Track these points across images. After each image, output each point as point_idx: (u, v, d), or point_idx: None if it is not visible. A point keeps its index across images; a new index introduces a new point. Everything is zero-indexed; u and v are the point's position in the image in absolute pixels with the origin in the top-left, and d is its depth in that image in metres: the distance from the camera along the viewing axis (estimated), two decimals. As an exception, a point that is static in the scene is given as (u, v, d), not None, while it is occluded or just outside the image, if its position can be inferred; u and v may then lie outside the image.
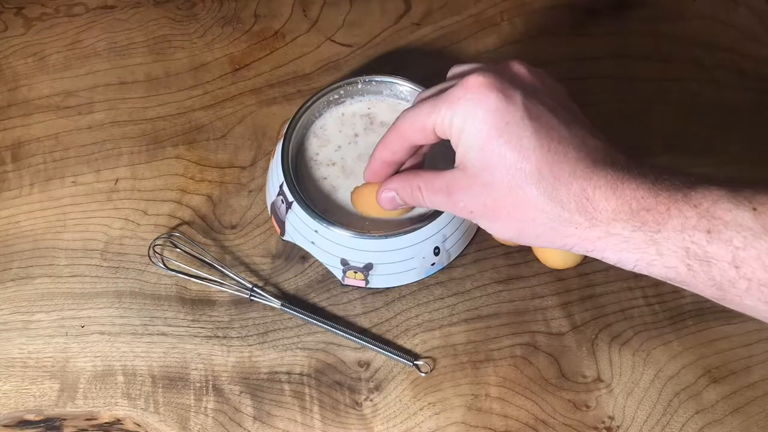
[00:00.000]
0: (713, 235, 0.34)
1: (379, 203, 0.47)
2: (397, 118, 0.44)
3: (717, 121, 0.59)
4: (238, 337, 0.51)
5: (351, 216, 0.51)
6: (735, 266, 0.34)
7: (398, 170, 0.47)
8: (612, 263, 0.38)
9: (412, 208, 0.50)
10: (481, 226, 0.42)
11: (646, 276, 0.53)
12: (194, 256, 0.54)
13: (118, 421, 0.49)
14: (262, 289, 0.52)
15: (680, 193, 0.36)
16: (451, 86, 0.41)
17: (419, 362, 0.50)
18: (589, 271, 0.54)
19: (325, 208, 0.51)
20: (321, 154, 0.54)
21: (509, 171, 0.38)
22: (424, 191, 0.44)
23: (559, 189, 0.38)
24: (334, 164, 0.53)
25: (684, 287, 0.37)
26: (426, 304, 0.53)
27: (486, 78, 0.39)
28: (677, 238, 0.35)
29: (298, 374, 0.50)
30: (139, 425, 0.49)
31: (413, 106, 0.43)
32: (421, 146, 0.45)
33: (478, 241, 0.55)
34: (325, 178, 0.53)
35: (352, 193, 0.50)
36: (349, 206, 0.52)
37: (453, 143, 0.41)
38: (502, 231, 0.41)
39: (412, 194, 0.45)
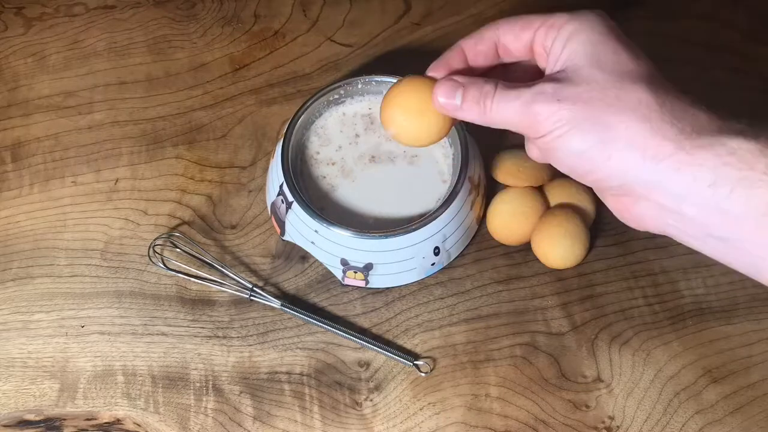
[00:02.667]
0: None
1: (435, 94, 0.40)
2: None
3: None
4: (238, 337, 0.51)
5: (349, 215, 0.51)
6: None
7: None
8: (705, 185, 0.34)
9: (446, 131, 0.43)
10: (549, 136, 0.37)
11: (646, 276, 0.53)
12: (194, 256, 0.54)
13: (118, 421, 0.49)
14: (262, 289, 0.52)
15: None
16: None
17: (419, 362, 0.50)
18: (589, 271, 0.54)
19: (322, 207, 0.51)
20: (321, 153, 0.54)
21: (622, 67, 0.36)
22: (500, 87, 0.39)
23: (667, 94, 0.36)
24: (333, 164, 0.53)
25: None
26: (426, 304, 0.53)
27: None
28: None
29: (298, 374, 0.50)
30: (139, 425, 0.49)
31: None
32: (495, 62, 0.42)
33: (478, 241, 0.55)
34: (324, 177, 0.53)
35: (392, 87, 0.43)
36: (347, 206, 0.52)
37: (554, 51, 0.39)
38: (584, 132, 0.36)
39: (483, 90, 0.39)
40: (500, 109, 0.38)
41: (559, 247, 0.51)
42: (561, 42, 0.38)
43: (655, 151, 0.35)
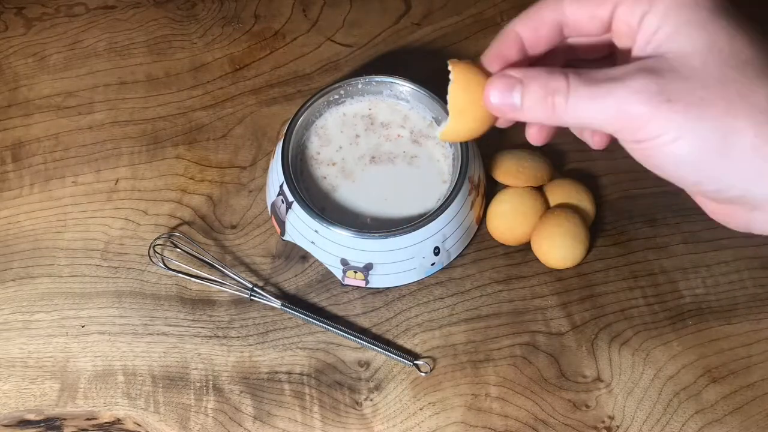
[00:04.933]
0: None
1: (487, 93, 0.34)
2: None
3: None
4: (238, 337, 0.51)
5: (349, 215, 0.51)
6: None
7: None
8: None
9: (489, 126, 0.36)
10: (654, 141, 0.30)
11: (646, 276, 0.53)
12: (194, 256, 0.54)
13: (118, 421, 0.49)
14: (262, 289, 0.52)
15: None
16: None
17: (419, 362, 0.50)
18: (589, 271, 0.54)
19: (323, 207, 0.51)
20: (322, 154, 0.54)
21: (741, 54, 0.30)
22: (575, 82, 0.31)
23: None
24: (334, 164, 0.54)
25: None
26: (426, 304, 0.53)
27: None
28: None
29: (298, 374, 0.50)
30: (139, 425, 0.49)
31: None
32: (562, 44, 0.35)
33: (478, 241, 0.55)
34: (325, 178, 0.53)
35: (453, 64, 0.35)
36: (347, 206, 0.52)
37: (646, 29, 0.32)
38: (699, 137, 0.30)
39: (550, 87, 0.32)
40: (580, 109, 0.31)
41: (559, 247, 0.51)
42: (655, 19, 0.31)
43: None
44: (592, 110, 0.31)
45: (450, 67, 0.35)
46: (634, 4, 0.32)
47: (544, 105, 0.32)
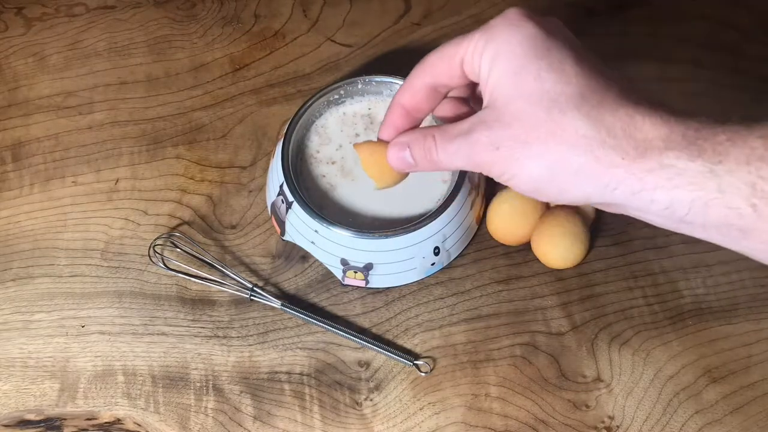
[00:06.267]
0: None
1: (389, 160, 0.42)
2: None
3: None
4: (238, 337, 0.51)
5: (349, 215, 0.51)
6: None
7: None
8: (661, 208, 0.33)
9: (406, 174, 0.44)
10: (501, 178, 0.37)
11: (646, 276, 0.53)
12: (194, 256, 0.54)
13: (118, 421, 0.49)
14: (262, 289, 0.52)
15: (741, 125, 0.32)
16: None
17: (419, 362, 0.50)
18: (589, 271, 0.54)
19: (321, 206, 0.51)
20: (321, 152, 0.54)
21: (548, 95, 0.34)
22: (439, 140, 0.38)
23: (603, 113, 0.34)
24: (333, 163, 0.54)
25: (743, 242, 0.33)
26: (426, 304, 0.53)
27: (525, 10, 0.37)
28: (742, 171, 0.31)
29: (298, 374, 0.50)
30: (139, 425, 0.49)
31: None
32: (444, 95, 0.41)
33: (478, 241, 0.55)
34: (324, 176, 0.53)
35: (357, 146, 0.44)
36: (346, 205, 0.52)
37: (482, 78, 0.37)
38: (531, 171, 0.35)
39: (425, 146, 0.39)
40: (448, 160, 0.39)
41: (559, 247, 0.51)
42: (485, 70, 0.37)
43: (607, 179, 0.34)
44: (456, 160, 0.38)
45: (355, 149, 0.43)
46: (472, 58, 0.37)
47: (426, 159, 0.40)
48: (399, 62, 0.62)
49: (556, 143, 0.34)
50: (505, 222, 0.53)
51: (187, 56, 0.64)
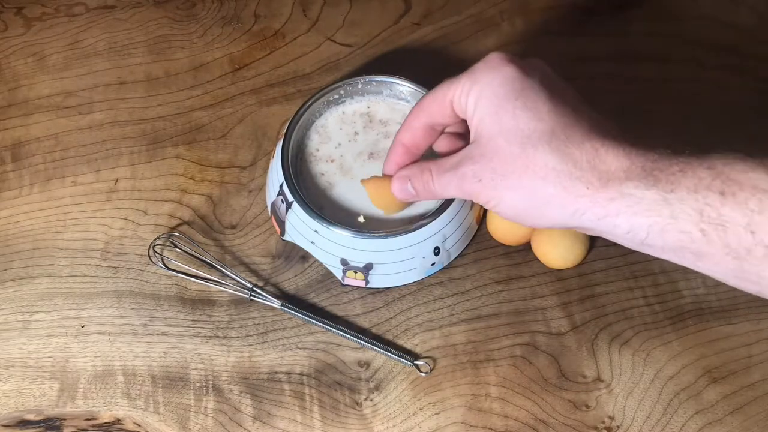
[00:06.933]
0: (727, 197, 0.33)
1: (393, 192, 0.47)
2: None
3: (717, 121, 0.59)
4: (238, 337, 0.51)
5: (346, 212, 0.51)
6: (751, 231, 0.33)
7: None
8: (624, 232, 0.37)
9: (410, 203, 0.50)
10: (488, 205, 0.41)
11: (646, 276, 0.53)
12: (194, 256, 0.54)
13: (118, 421, 0.49)
14: (262, 289, 0.52)
15: (694, 156, 0.35)
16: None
17: (419, 362, 0.50)
18: (589, 271, 0.54)
19: (320, 204, 0.51)
20: (321, 151, 0.54)
21: (522, 132, 0.38)
22: (435, 173, 0.43)
23: (571, 147, 0.37)
24: (332, 161, 0.53)
25: (698, 263, 0.36)
26: (426, 304, 0.53)
27: (505, 54, 0.41)
28: (691, 199, 0.34)
29: (298, 374, 0.50)
30: (139, 425, 0.49)
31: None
32: (441, 132, 0.46)
33: (478, 241, 0.55)
34: (323, 174, 0.53)
35: (364, 182, 0.49)
36: (344, 203, 0.52)
37: (468, 116, 0.41)
38: (511, 199, 0.40)
39: (423, 179, 0.44)
40: (443, 190, 0.43)
41: (559, 247, 0.51)
42: (471, 109, 0.41)
43: (574, 207, 0.37)
44: (449, 190, 0.43)
45: (363, 185, 0.49)
46: (460, 98, 0.41)
47: (425, 190, 0.44)
48: (399, 62, 0.62)
49: (528, 177, 0.38)
50: (505, 222, 0.53)
51: (186, 56, 0.64)
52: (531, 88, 0.39)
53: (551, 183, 0.38)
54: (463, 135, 0.47)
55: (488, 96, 0.40)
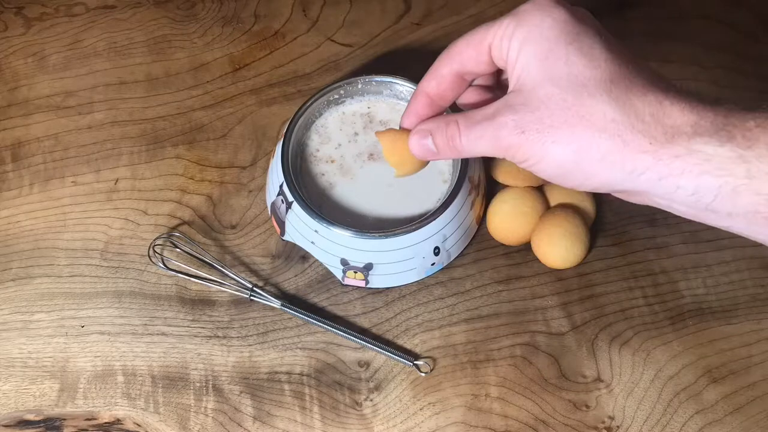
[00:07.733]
0: None
1: (410, 148, 0.42)
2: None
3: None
4: (238, 337, 0.51)
5: (348, 214, 0.51)
6: None
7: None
8: (687, 195, 0.33)
9: (426, 163, 0.44)
10: (525, 164, 0.37)
11: (646, 276, 0.53)
12: (194, 256, 0.54)
13: (118, 421, 0.49)
14: (262, 289, 0.52)
15: None
16: None
17: (419, 362, 0.50)
18: (589, 271, 0.54)
19: (320, 205, 0.51)
20: (321, 151, 0.54)
21: (577, 79, 0.34)
22: (463, 126, 0.38)
23: (632, 98, 0.34)
24: (333, 161, 0.54)
25: (765, 229, 0.32)
26: (426, 304, 0.53)
27: None
28: None
29: (298, 374, 0.50)
30: (139, 425, 0.49)
31: None
32: (470, 83, 0.41)
33: (478, 241, 0.55)
34: (323, 174, 0.53)
35: (379, 134, 0.44)
36: (345, 204, 0.52)
37: (510, 62, 0.37)
38: (557, 155, 0.35)
39: (448, 132, 0.39)
40: (471, 145, 0.38)
41: (559, 247, 0.51)
42: (513, 54, 0.37)
43: (633, 165, 0.34)
44: (480, 145, 0.38)
45: (377, 137, 0.44)
46: (501, 43, 0.37)
47: (449, 146, 0.39)
48: (399, 62, 0.62)
49: (584, 127, 0.34)
50: (505, 222, 0.53)
51: (186, 56, 0.64)
52: (585, 33, 0.35)
53: (609, 136, 0.34)
54: (491, 89, 0.43)
55: (536, 39, 0.35)
